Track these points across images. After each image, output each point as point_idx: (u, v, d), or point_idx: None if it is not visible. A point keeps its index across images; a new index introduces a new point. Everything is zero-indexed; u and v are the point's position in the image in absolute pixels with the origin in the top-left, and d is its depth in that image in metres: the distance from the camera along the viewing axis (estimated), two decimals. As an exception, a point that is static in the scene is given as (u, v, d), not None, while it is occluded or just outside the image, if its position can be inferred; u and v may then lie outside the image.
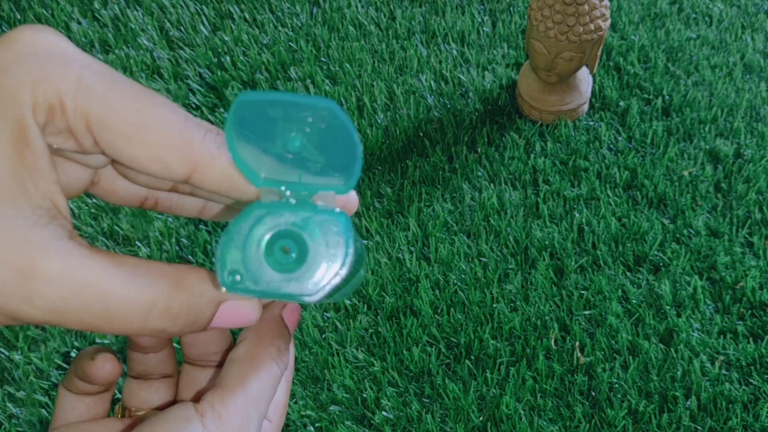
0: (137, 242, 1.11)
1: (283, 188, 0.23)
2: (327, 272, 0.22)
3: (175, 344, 0.34)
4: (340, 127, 0.22)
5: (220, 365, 0.34)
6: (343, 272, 0.22)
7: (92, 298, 0.21)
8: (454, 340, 1.02)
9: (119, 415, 0.34)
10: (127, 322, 0.22)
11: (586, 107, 1.24)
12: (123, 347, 1.03)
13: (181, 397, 0.34)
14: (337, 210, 0.22)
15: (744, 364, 0.99)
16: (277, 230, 0.22)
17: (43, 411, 0.97)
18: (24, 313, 0.21)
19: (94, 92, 0.22)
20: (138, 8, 1.40)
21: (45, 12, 1.39)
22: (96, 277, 0.21)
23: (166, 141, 0.23)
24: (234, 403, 0.27)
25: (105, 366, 0.30)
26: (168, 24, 1.38)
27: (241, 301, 0.25)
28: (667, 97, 1.26)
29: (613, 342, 1.01)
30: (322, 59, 1.32)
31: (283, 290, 0.22)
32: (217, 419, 0.26)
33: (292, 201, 0.23)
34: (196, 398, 0.32)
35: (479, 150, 1.21)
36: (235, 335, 0.35)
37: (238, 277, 0.22)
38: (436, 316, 1.04)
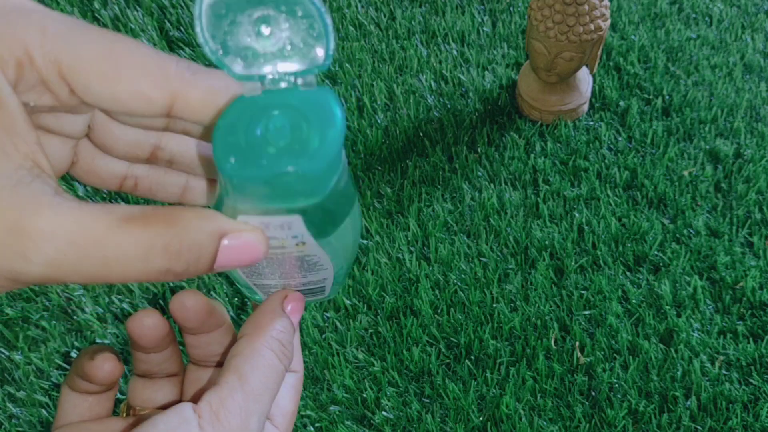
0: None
1: (263, 77, 0.23)
2: (325, 142, 0.22)
3: (180, 345, 0.34)
4: (301, 1, 0.22)
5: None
6: (341, 138, 0.22)
7: (88, 247, 0.21)
8: (454, 340, 1.02)
9: (124, 414, 0.33)
10: (128, 267, 0.21)
11: (586, 107, 1.24)
12: (127, 346, 1.03)
13: (186, 396, 0.34)
14: (322, 88, 0.22)
15: (744, 364, 0.99)
16: (267, 113, 0.22)
17: (43, 411, 0.97)
18: (21, 271, 0.20)
19: (61, 38, 0.22)
20: (138, 8, 1.40)
21: (45, 12, 1.39)
22: (89, 225, 0.21)
23: (143, 74, 0.22)
24: (232, 401, 0.26)
25: (104, 366, 0.30)
26: (168, 24, 1.38)
27: (244, 233, 0.23)
28: (667, 97, 1.26)
29: (613, 342, 1.01)
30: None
31: (286, 167, 0.21)
32: (215, 420, 0.25)
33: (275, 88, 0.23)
34: (197, 397, 0.31)
35: (479, 150, 1.21)
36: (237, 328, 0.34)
37: (233, 159, 0.21)
38: (436, 316, 1.04)
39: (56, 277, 0.21)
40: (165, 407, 0.33)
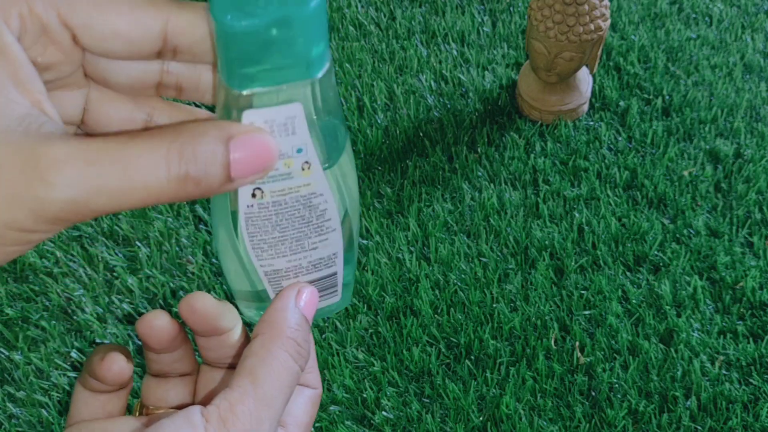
0: (137, 242, 1.11)
1: None
2: None
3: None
4: None
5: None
6: None
7: (105, 161, 0.21)
8: (454, 340, 1.02)
9: (137, 413, 0.33)
10: (148, 174, 0.21)
11: (586, 107, 1.24)
12: (140, 346, 1.03)
13: (198, 396, 0.33)
14: None
15: (744, 364, 0.99)
16: None
17: (43, 411, 0.97)
18: (45, 197, 0.21)
19: None
20: (138, 8, 1.40)
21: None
22: (102, 144, 0.21)
23: (137, 5, 0.24)
24: (242, 406, 0.25)
25: (113, 367, 0.30)
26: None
27: (252, 133, 0.24)
28: (667, 97, 1.26)
29: (613, 342, 1.01)
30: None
31: (282, 11, 0.22)
32: (221, 425, 0.25)
33: None
34: (209, 398, 0.31)
35: (479, 150, 1.21)
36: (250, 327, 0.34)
37: (229, 16, 0.22)
38: (436, 316, 1.04)
39: (80, 199, 0.21)
40: (179, 407, 0.33)
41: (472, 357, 1.01)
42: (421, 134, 1.23)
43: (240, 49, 0.23)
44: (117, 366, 0.30)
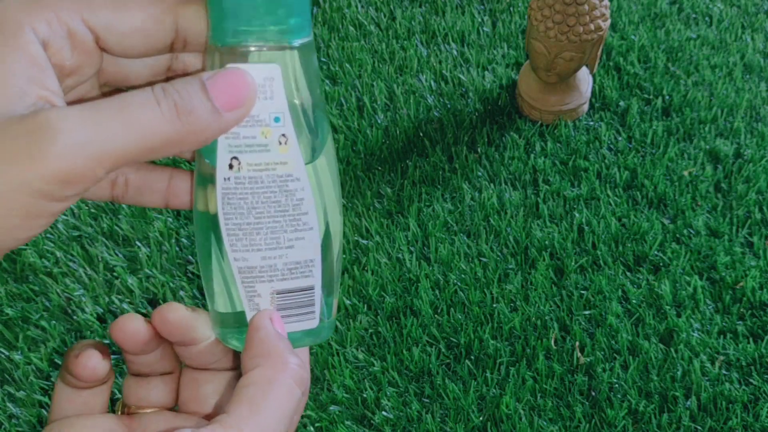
0: (137, 242, 1.11)
1: None
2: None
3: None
4: None
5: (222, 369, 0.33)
6: None
7: (104, 111, 0.22)
8: (454, 340, 1.02)
9: (119, 412, 0.32)
10: (144, 113, 0.23)
11: (586, 107, 1.24)
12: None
13: (182, 396, 0.33)
14: None
15: (744, 364, 0.99)
16: None
17: (43, 411, 0.97)
18: (50, 149, 0.21)
19: None
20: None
21: (45, 12, 1.39)
22: (99, 102, 0.23)
23: (150, 2, 0.26)
24: (240, 429, 0.24)
25: (88, 363, 0.29)
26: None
27: (225, 70, 0.25)
28: (667, 97, 1.26)
29: (613, 342, 1.01)
30: (322, 59, 1.32)
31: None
32: None
33: None
34: (190, 401, 0.30)
35: (479, 150, 1.21)
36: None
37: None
38: (436, 316, 1.04)
39: (85, 152, 0.22)
40: (160, 407, 0.32)
41: (472, 357, 1.01)
42: (421, 134, 1.23)
43: (223, 5, 0.25)
44: (92, 363, 0.29)
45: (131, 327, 0.30)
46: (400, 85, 1.29)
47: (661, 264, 1.08)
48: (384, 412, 0.96)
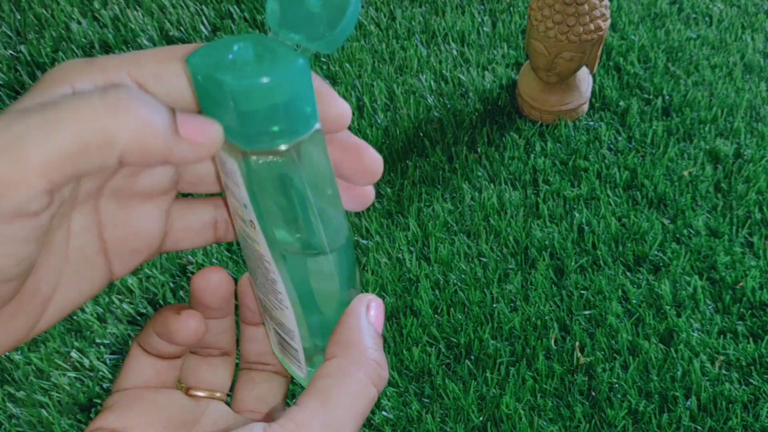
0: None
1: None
2: (280, 73, 0.22)
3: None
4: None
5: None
6: (294, 75, 0.23)
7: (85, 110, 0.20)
8: (454, 340, 1.02)
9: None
10: (129, 118, 0.21)
11: (586, 107, 1.24)
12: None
13: (237, 396, 0.32)
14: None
15: (744, 364, 0.99)
16: (240, 43, 0.23)
17: (43, 411, 0.97)
18: (44, 154, 0.20)
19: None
20: (138, 8, 1.40)
21: (45, 12, 1.39)
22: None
23: (180, 50, 0.24)
24: (308, 429, 0.23)
25: (190, 322, 0.28)
26: (168, 24, 1.38)
27: (190, 118, 0.23)
28: (667, 97, 1.26)
29: (613, 342, 1.01)
30: (322, 59, 1.32)
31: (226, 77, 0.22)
32: None
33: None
34: (269, 416, 0.29)
35: (479, 150, 1.21)
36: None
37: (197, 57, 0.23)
38: (436, 316, 1.04)
39: (80, 142, 0.20)
40: (216, 391, 0.31)
41: (472, 357, 1.01)
42: (421, 134, 1.23)
43: (202, 93, 0.23)
44: (195, 322, 0.28)
45: (216, 278, 0.29)
46: (400, 85, 1.29)
47: (661, 264, 1.08)
48: (384, 412, 0.96)
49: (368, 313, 0.27)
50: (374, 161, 0.26)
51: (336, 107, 0.25)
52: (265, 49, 0.23)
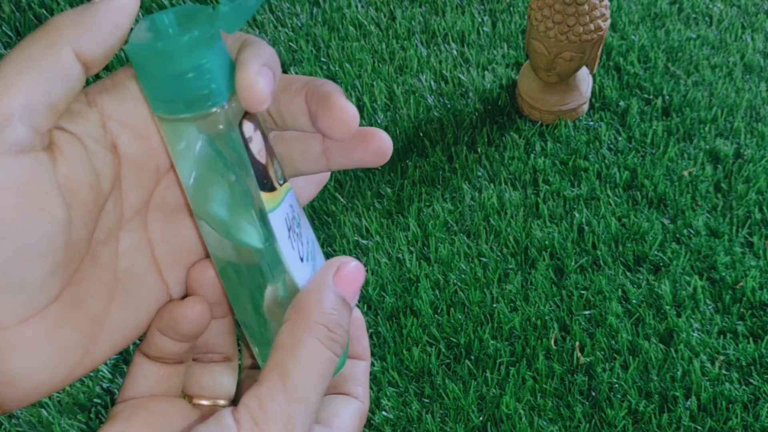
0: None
1: None
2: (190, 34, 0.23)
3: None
4: None
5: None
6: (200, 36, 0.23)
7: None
8: (454, 340, 1.02)
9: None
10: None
11: (586, 107, 1.24)
12: (128, 355, 1.03)
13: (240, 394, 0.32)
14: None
15: (744, 364, 0.99)
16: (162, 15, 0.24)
17: (43, 411, 0.97)
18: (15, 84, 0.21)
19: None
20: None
21: (45, 12, 1.39)
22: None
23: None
24: (272, 403, 0.23)
25: (196, 306, 0.27)
26: (168, 24, 1.37)
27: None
28: (667, 97, 1.26)
29: (613, 342, 1.01)
30: (322, 59, 1.32)
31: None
32: (254, 427, 0.23)
33: None
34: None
35: (479, 150, 1.21)
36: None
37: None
38: (436, 316, 1.04)
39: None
40: (222, 398, 0.31)
41: (472, 357, 1.01)
42: (421, 134, 1.23)
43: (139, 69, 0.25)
44: (199, 307, 0.27)
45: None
46: (400, 85, 1.29)
47: (661, 264, 1.08)
48: (384, 412, 0.96)
49: (337, 275, 0.26)
50: (343, 111, 0.25)
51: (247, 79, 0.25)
52: (186, 17, 0.23)
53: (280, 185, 0.26)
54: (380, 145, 0.27)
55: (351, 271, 0.27)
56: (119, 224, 0.25)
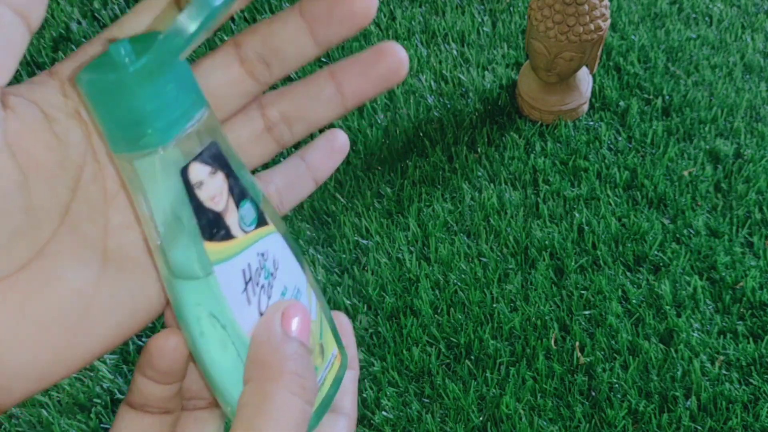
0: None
1: None
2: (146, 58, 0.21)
3: None
4: None
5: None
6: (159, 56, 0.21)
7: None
8: (454, 340, 1.02)
9: None
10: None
11: (586, 107, 1.24)
12: (119, 367, 1.03)
13: None
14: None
15: (744, 364, 0.99)
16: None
17: (43, 411, 0.97)
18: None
19: None
20: (138, 8, 1.40)
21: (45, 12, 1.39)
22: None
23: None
24: None
25: (170, 338, 0.25)
26: (168, 24, 1.38)
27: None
28: (667, 97, 1.26)
29: (613, 342, 1.01)
30: (322, 59, 1.32)
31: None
32: None
33: None
34: None
35: (479, 150, 1.21)
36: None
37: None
38: (436, 316, 1.04)
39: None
40: None
41: (472, 357, 1.01)
42: (421, 134, 1.23)
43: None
44: (174, 337, 0.25)
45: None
46: (400, 85, 1.29)
47: (661, 264, 1.08)
48: (384, 412, 0.96)
49: (286, 321, 0.24)
50: None
51: None
52: (141, 44, 0.21)
53: (246, 232, 0.24)
54: (396, 56, 0.25)
55: (295, 311, 0.25)
56: (104, 199, 0.24)
